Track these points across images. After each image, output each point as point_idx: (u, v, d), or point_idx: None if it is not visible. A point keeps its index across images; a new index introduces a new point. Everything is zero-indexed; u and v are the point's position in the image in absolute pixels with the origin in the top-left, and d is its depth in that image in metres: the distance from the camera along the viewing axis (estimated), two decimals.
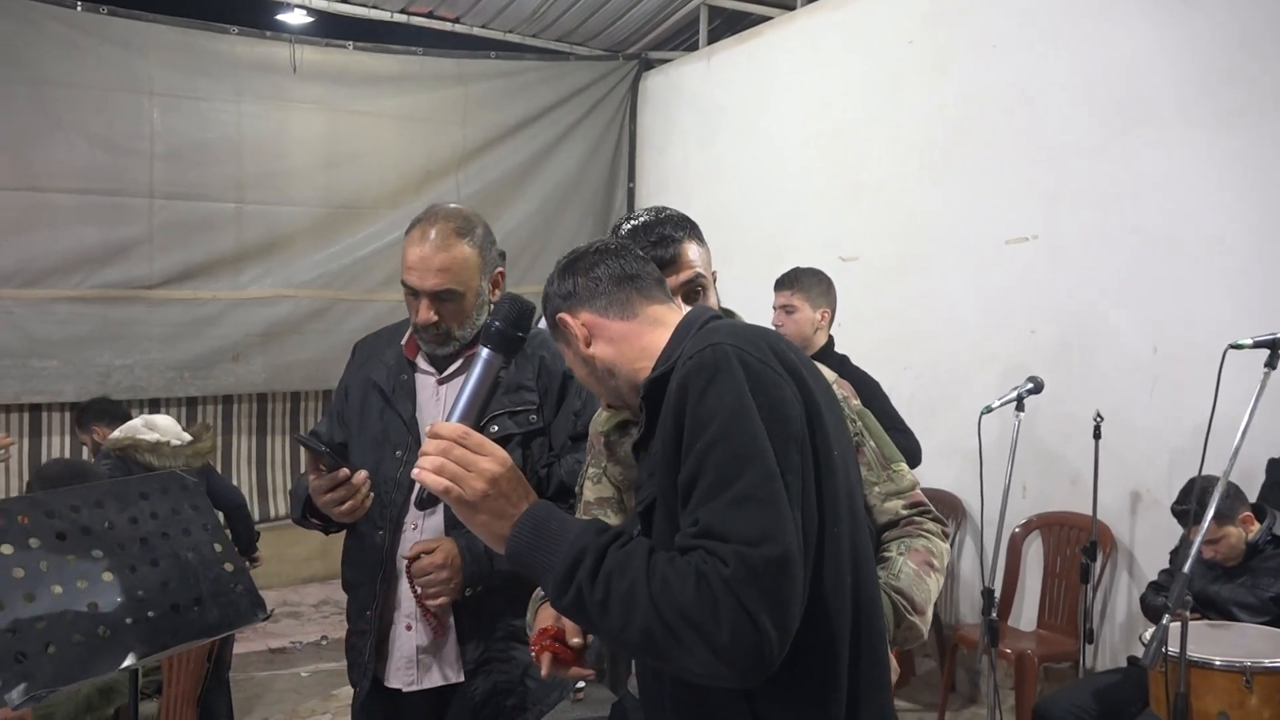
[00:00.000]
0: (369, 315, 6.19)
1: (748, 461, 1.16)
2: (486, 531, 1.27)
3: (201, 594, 2.15)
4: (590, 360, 1.42)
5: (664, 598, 1.13)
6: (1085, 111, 4.22)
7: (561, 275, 1.46)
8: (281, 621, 5.74)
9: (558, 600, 1.21)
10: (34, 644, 1.88)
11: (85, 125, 5.56)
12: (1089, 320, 4.20)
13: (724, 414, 1.18)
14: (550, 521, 1.24)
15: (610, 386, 1.44)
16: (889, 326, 4.91)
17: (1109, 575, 4.10)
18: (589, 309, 1.43)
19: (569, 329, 1.42)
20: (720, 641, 1.10)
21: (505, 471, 1.26)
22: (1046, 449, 4.30)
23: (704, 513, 1.16)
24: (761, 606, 1.11)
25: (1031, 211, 4.42)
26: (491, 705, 2.11)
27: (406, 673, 2.14)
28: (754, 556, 1.12)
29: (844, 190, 5.36)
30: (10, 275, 5.42)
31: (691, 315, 1.42)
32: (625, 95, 7.12)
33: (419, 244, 2.09)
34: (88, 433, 4.50)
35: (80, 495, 2.14)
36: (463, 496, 1.25)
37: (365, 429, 2.20)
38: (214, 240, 5.95)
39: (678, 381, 1.24)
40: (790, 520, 1.16)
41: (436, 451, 1.26)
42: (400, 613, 2.14)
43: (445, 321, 2.10)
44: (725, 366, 1.22)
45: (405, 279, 2.11)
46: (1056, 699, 3.42)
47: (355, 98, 6.32)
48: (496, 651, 2.11)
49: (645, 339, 1.40)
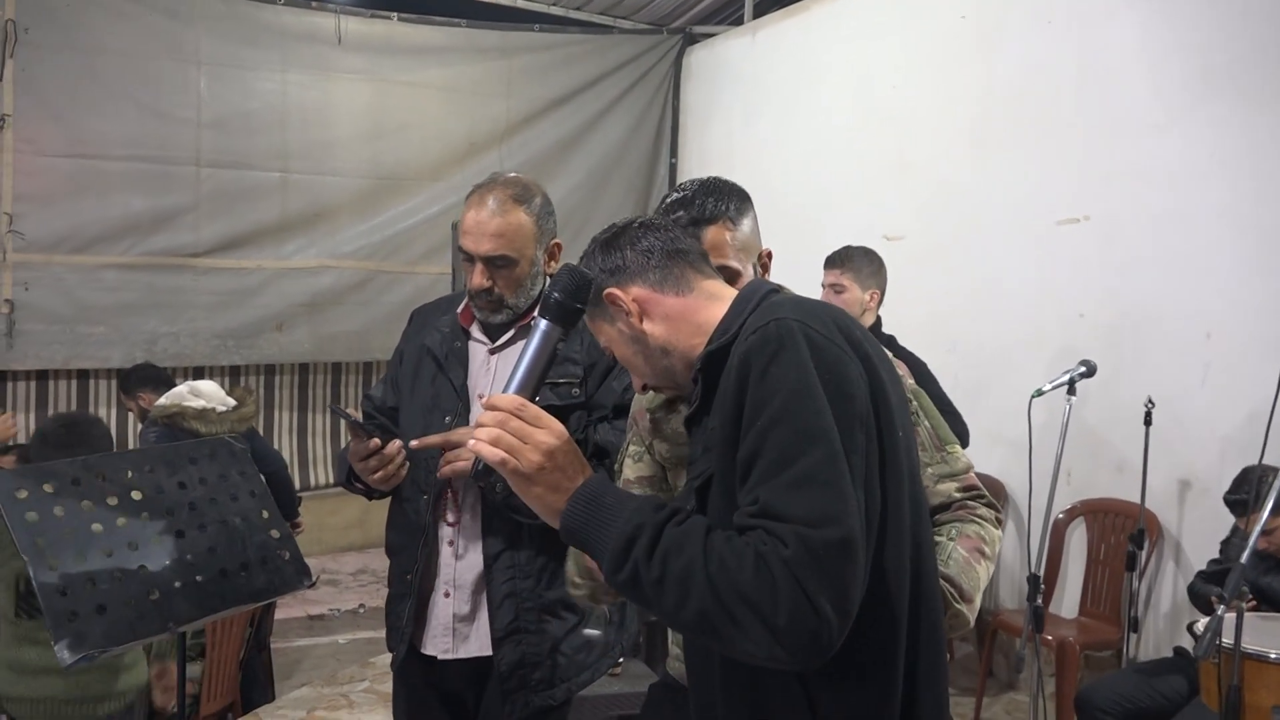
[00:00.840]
0: (410, 288, 6.22)
1: (811, 441, 1.13)
2: (541, 505, 1.25)
3: (248, 559, 2.18)
4: (642, 338, 1.38)
5: (721, 578, 1.11)
6: (1145, 88, 4.11)
7: (606, 250, 1.41)
8: (320, 589, 5.81)
9: (612, 577, 1.19)
10: (86, 605, 1.91)
11: (134, 94, 5.62)
12: (1141, 303, 4.12)
13: (787, 391, 1.15)
14: (606, 496, 1.22)
15: (661, 366, 1.39)
16: (934, 307, 4.84)
17: (1155, 564, 4.03)
18: (641, 283, 1.38)
19: (619, 304, 1.37)
20: (778, 624, 1.08)
21: (561, 444, 1.24)
22: (1093, 434, 4.23)
23: (764, 491, 1.14)
24: (821, 589, 1.08)
25: (1084, 191, 4.33)
26: (517, 677, 2.11)
27: (443, 640, 2.15)
28: (815, 538, 1.09)
29: (890, 168, 5.29)
30: (60, 241, 5.50)
31: (750, 288, 1.38)
32: (669, 70, 7.07)
33: (476, 209, 2.10)
34: (133, 399, 4.55)
35: (131, 460, 2.16)
36: (518, 468, 1.23)
37: (417, 394, 2.21)
38: (259, 210, 5.99)
39: (740, 357, 1.21)
40: (853, 502, 1.13)
41: (493, 423, 1.25)
42: (440, 580, 2.15)
43: (499, 288, 2.10)
44: (790, 342, 1.18)
45: (461, 243, 2.12)
46: (1099, 687, 3.38)
47: (399, 69, 6.33)
48: (526, 623, 2.11)
49: (702, 314, 1.36)
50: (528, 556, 2.10)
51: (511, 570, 2.10)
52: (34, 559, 1.88)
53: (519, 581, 2.10)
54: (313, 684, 4.53)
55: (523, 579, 2.10)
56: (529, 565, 2.10)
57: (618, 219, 1.51)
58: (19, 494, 1.93)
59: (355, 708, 4.25)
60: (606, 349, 1.45)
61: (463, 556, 2.14)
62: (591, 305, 1.40)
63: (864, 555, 1.13)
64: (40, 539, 1.92)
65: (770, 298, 1.33)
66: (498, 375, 2.16)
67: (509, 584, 2.10)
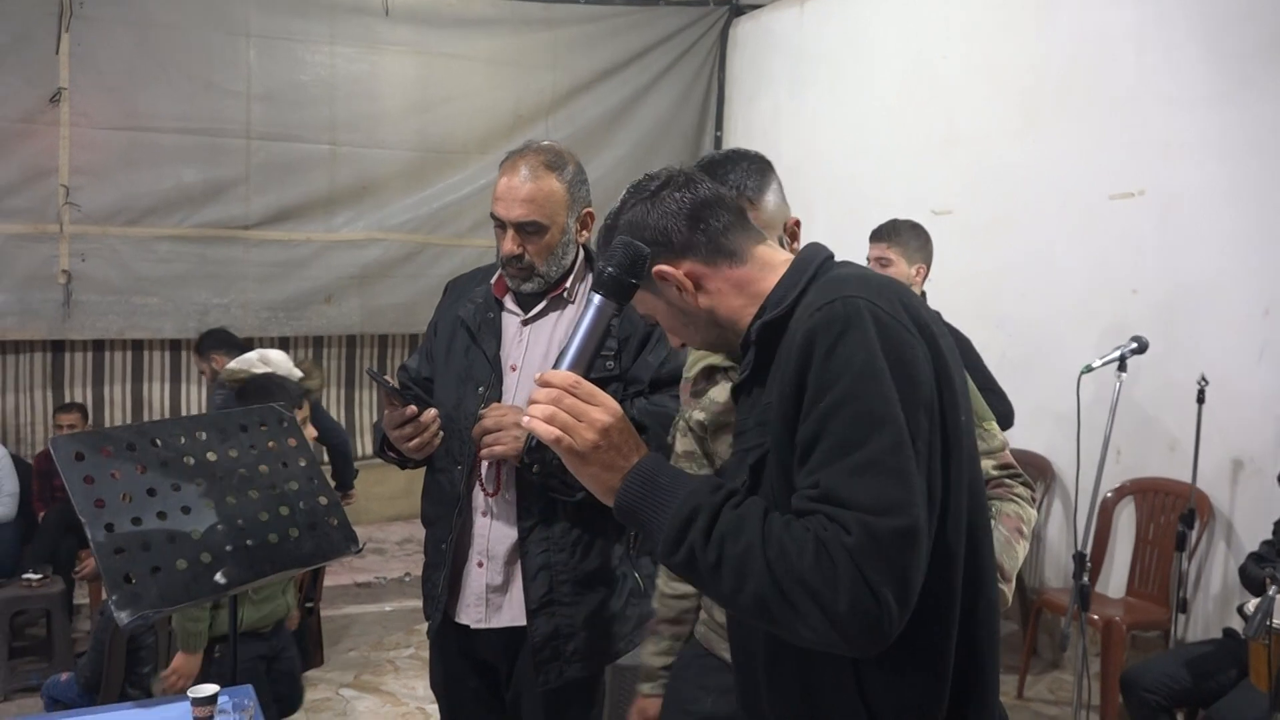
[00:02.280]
0: (458, 260, 6.25)
1: (877, 425, 1.11)
2: (596, 483, 1.23)
3: (297, 525, 2.21)
4: (693, 310, 1.32)
5: (780, 564, 1.09)
6: (1204, 58, 4.00)
7: (649, 211, 1.33)
8: (367, 557, 5.91)
9: (668, 558, 1.17)
10: (141, 567, 1.96)
11: (186, 66, 5.69)
12: (1196, 280, 4.03)
13: (853, 373, 1.12)
14: (661, 476, 1.20)
15: (711, 335, 1.36)
16: (981, 283, 4.78)
17: (1205, 544, 3.97)
18: (693, 257, 1.31)
19: (669, 279, 1.30)
20: (838, 611, 1.07)
21: (616, 422, 1.22)
22: (1144, 413, 4.16)
23: (826, 475, 1.12)
24: (884, 578, 1.07)
25: (1139, 165, 4.24)
26: (550, 648, 2.11)
27: (476, 609, 2.17)
28: (878, 526, 1.08)
29: (939, 141, 5.21)
30: (115, 213, 5.60)
31: (806, 255, 1.33)
32: (715, 42, 7.01)
33: (509, 175, 2.10)
34: (206, 360, 4.67)
35: (184, 426, 2.21)
36: (573, 446, 1.21)
37: (450, 365, 2.22)
38: (308, 182, 6.05)
39: (804, 334, 1.17)
40: (918, 490, 1.11)
41: (547, 400, 1.22)
42: (473, 550, 2.17)
43: (529, 255, 2.10)
44: (857, 322, 1.15)
45: (494, 210, 2.12)
46: (1146, 668, 3.34)
47: (446, 41, 6.34)
48: (561, 595, 2.11)
49: (756, 284, 1.31)
50: (562, 530, 2.11)
51: (546, 543, 2.11)
52: (91, 520, 1.93)
53: (553, 554, 2.11)
54: (359, 649, 4.62)
55: (557, 551, 2.11)
56: (563, 538, 2.11)
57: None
58: (78, 457, 1.99)
59: (400, 672, 4.33)
60: (648, 317, 1.40)
61: (496, 528, 2.15)
62: (628, 281, 1.33)
63: (926, 543, 1.11)
64: (97, 501, 1.97)
65: (828, 267, 1.30)
66: (530, 346, 2.17)
67: (543, 556, 2.11)
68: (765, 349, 1.26)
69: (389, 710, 3.97)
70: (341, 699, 4.06)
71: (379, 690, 4.16)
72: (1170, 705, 3.24)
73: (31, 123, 5.38)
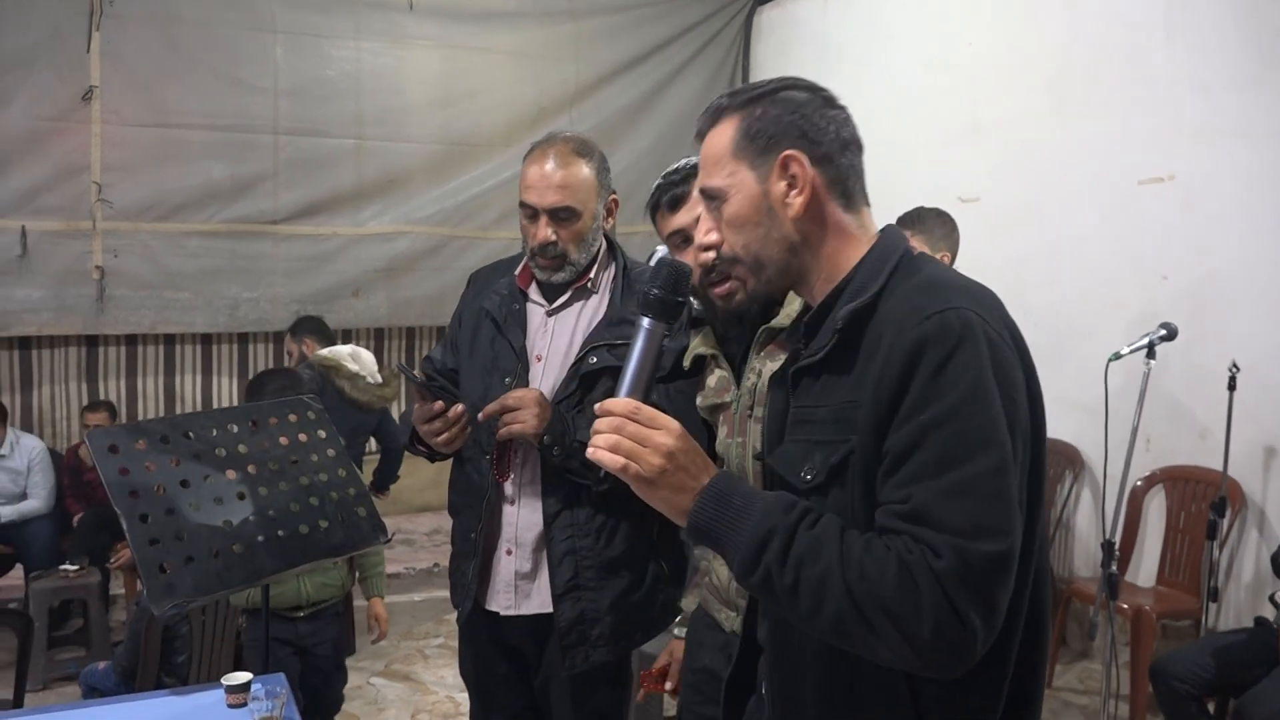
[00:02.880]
0: (483, 252, 6.28)
1: (981, 448, 1.08)
2: (667, 506, 1.20)
3: (327, 515, 2.25)
4: (781, 224, 1.24)
5: (860, 587, 1.07)
6: (1233, 42, 3.95)
7: (813, 104, 1.24)
8: (397, 548, 5.96)
9: (744, 579, 1.16)
10: (175, 557, 1.99)
11: (213, 63, 5.74)
12: (1227, 266, 3.98)
13: (963, 391, 1.09)
14: (733, 496, 1.17)
15: (771, 256, 1.26)
16: (1009, 271, 4.73)
17: (1236, 533, 3.93)
18: (826, 170, 1.23)
19: (794, 173, 1.22)
20: (922, 636, 1.05)
21: (681, 444, 1.19)
22: (1174, 401, 4.12)
23: (919, 491, 1.09)
24: (972, 603, 1.05)
25: (1169, 150, 4.19)
26: (576, 632, 2.13)
27: (505, 596, 2.19)
28: (971, 551, 1.05)
29: (966, 128, 5.17)
30: (146, 209, 5.67)
31: (888, 243, 1.27)
32: (738, 31, 6.98)
33: (539, 162, 2.12)
34: (298, 342, 4.79)
35: (216, 418, 2.24)
36: (640, 473, 1.18)
37: (476, 356, 2.24)
38: (335, 176, 6.10)
39: (913, 341, 1.12)
40: (1017, 516, 1.09)
41: (609, 429, 1.20)
42: (502, 538, 2.18)
43: (562, 242, 2.12)
44: (970, 338, 1.11)
45: (524, 198, 2.13)
46: (1176, 657, 3.32)
47: (469, 34, 6.35)
48: (586, 580, 2.13)
49: (845, 249, 1.26)
50: (587, 515, 2.13)
51: (571, 529, 2.13)
52: (126, 511, 1.97)
53: (578, 540, 2.13)
54: (389, 639, 4.67)
55: (582, 537, 2.13)
56: (588, 524, 2.13)
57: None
58: (113, 450, 2.02)
59: (429, 661, 4.37)
60: (720, 194, 1.27)
61: (523, 515, 2.17)
62: (751, 139, 1.25)
63: (1015, 570, 1.09)
64: (132, 493, 2.01)
65: (908, 261, 1.25)
66: (555, 336, 2.18)
67: (568, 542, 2.13)
68: (850, 337, 1.21)
69: (419, 699, 4.02)
70: (372, 688, 4.11)
71: (409, 679, 4.20)
72: (1200, 694, 3.22)
73: (64, 121, 5.46)
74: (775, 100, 1.26)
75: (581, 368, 2.11)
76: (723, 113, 1.29)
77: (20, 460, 4.89)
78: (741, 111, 1.27)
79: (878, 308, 1.20)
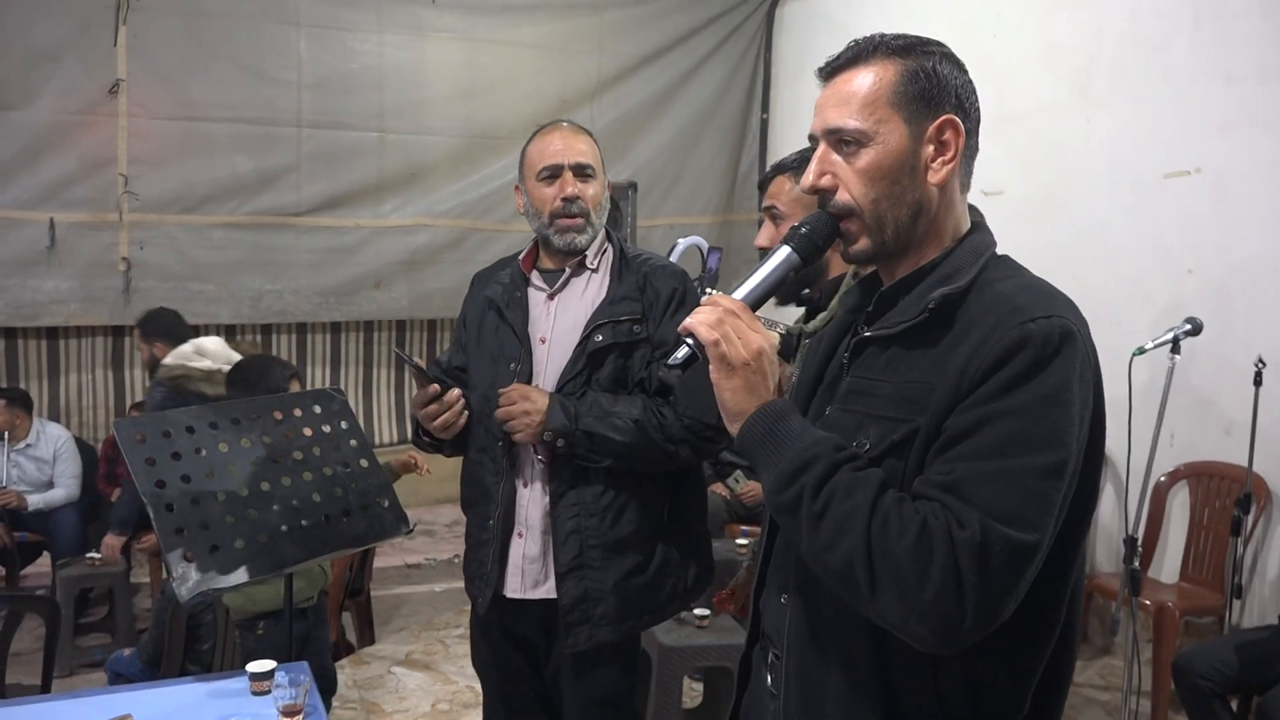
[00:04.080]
0: (504, 245, 6.29)
1: (1040, 448, 1.08)
2: (732, 400, 1.20)
3: (350, 506, 2.27)
4: (920, 184, 1.22)
5: (880, 537, 1.07)
6: (1261, 34, 3.90)
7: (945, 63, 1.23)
8: (418, 539, 5.99)
9: (774, 495, 1.16)
10: (200, 545, 2.02)
11: (238, 56, 5.79)
12: (1254, 259, 3.94)
13: (1042, 394, 1.09)
14: (792, 419, 1.18)
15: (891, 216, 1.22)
16: (1033, 264, 4.57)
17: (1262, 529, 3.89)
18: (966, 146, 1.24)
19: (948, 137, 1.22)
20: (921, 599, 1.05)
21: (769, 352, 1.20)
22: (1199, 396, 4.09)
23: (964, 469, 1.09)
24: (977, 584, 1.04)
25: (1195, 143, 4.15)
26: (579, 610, 2.13)
27: (514, 579, 2.20)
28: (996, 532, 1.05)
29: (990, 121, 5.04)
30: (172, 201, 5.73)
31: (983, 235, 1.29)
32: (760, 24, 6.96)
33: (552, 132, 2.22)
34: (148, 343, 4.34)
35: (240, 409, 2.26)
36: (726, 355, 1.18)
37: (482, 345, 2.26)
38: (358, 169, 6.14)
39: (1012, 340, 1.11)
40: (1052, 520, 1.08)
41: (713, 313, 1.20)
42: (515, 521, 2.20)
43: (585, 200, 2.17)
44: (1069, 352, 1.12)
45: (545, 162, 2.18)
46: (1198, 654, 3.29)
47: (492, 27, 6.37)
48: (590, 559, 2.13)
49: (950, 230, 1.26)
50: (593, 494, 2.14)
51: (577, 508, 2.14)
52: (152, 500, 1.99)
53: (584, 519, 2.14)
54: (410, 629, 4.70)
55: (587, 516, 2.14)
56: (594, 503, 2.14)
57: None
58: (140, 439, 2.05)
59: (450, 651, 4.40)
60: (858, 130, 1.21)
61: (532, 496, 2.19)
62: (913, 93, 1.20)
63: (1032, 573, 1.09)
64: (158, 482, 2.03)
65: (999, 257, 1.27)
66: (558, 316, 2.21)
67: (574, 520, 2.14)
68: (938, 320, 1.19)
69: (439, 689, 4.04)
70: (393, 677, 4.14)
71: (429, 669, 4.23)
72: (1223, 692, 3.19)
73: (91, 114, 5.52)
74: (944, 58, 1.23)
75: (588, 346, 2.13)
76: (878, 52, 1.23)
77: (46, 449, 4.95)
78: (906, 59, 1.22)
79: (968, 297, 1.19)
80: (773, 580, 1.37)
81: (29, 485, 4.89)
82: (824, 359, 1.37)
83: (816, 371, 1.37)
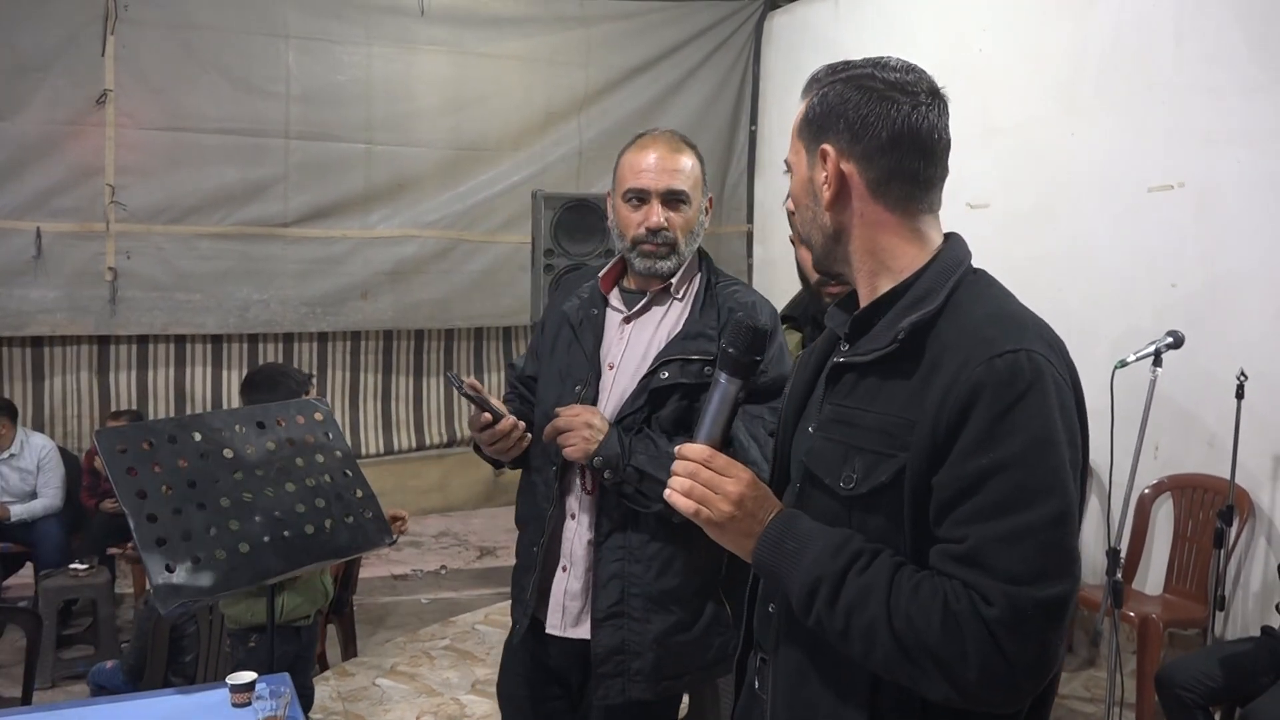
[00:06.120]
0: (491, 256, 6.32)
1: (1043, 496, 1.09)
2: (735, 547, 1.27)
3: (333, 517, 2.26)
4: (819, 213, 1.27)
5: (908, 635, 1.10)
6: (1245, 49, 3.94)
7: (866, 94, 1.25)
8: (403, 550, 5.97)
9: (801, 619, 1.21)
10: (182, 557, 2.01)
11: (227, 68, 5.80)
12: (1237, 273, 3.97)
13: (1027, 439, 1.10)
14: (787, 540, 1.21)
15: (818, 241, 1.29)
16: (1017, 277, 4.63)
17: (1245, 541, 3.92)
18: (862, 170, 1.23)
19: (823, 168, 1.25)
20: (968, 680, 1.08)
21: (750, 490, 1.25)
22: (1182, 409, 4.11)
23: (976, 534, 1.10)
24: (1022, 650, 1.07)
25: (1179, 157, 4.18)
26: (614, 662, 2.00)
27: (555, 614, 2.08)
28: (1024, 598, 1.07)
29: (976, 134, 5.16)
30: (159, 211, 5.73)
31: (956, 254, 1.28)
32: (749, 36, 7.00)
33: (647, 149, 2.06)
34: None
35: (223, 419, 2.26)
36: (710, 518, 1.25)
37: (553, 361, 2.15)
38: (345, 180, 6.15)
39: (980, 378, 1.11)
40: (1077, 562, 1.10)
41: (685, 473, 1.26)
42: (561, 553, 2.08)
43: (673, 229, 2.03)
44: (1039, 386, 1.11)
45: (632, 184, 2.05)
46: (1181, 665, 3.30)
47: (480, 40, 6.40)
48: (631, 608, 2.00)
49: (898, 251, 1.25)
50: (640, 540, 2.01)
51: (622, 551, 2.01)
52: (133, 511, 1.98)
53: (628, 564, 2.01)
54: (395, 640, 4.68)
55: (633, 562, 2.01)
56: (641, 549, 2.01)
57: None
58: (121, 450, 2.04)
59: (435, 663, 4.38)
60: (786, 162, 1.34)
61: (579, 531, 2.07)
62: (809, 122, 1.28)
63: (1071, 613, 1.11)
64: (139, 492, 2.02)
65: (972, 276, 1.27)
66: (630, 344, 2.08)
67: (618, 564, 2.01)
68: (909, 349, 1.19)
69: (424, 700, 4.03)
70: (378, 689, 4.12)
71: (414, 680, 4.21)
72: (1206, 703, 3.20)
73: (79, 124, 5.52)
74: (842, 84, 1.27)
75: (651, 382, 2.00)
76: (806, 89, 1.33)
77: (30, 459, 4.93)
78: (810, 91, 1.31)
79: (939, 322, 1.20)
80: (763, 589, 1.40)
81: (12, 495, 4.86)
82: (812, 374, 1.39)
83: (805, 387, 1.39)
